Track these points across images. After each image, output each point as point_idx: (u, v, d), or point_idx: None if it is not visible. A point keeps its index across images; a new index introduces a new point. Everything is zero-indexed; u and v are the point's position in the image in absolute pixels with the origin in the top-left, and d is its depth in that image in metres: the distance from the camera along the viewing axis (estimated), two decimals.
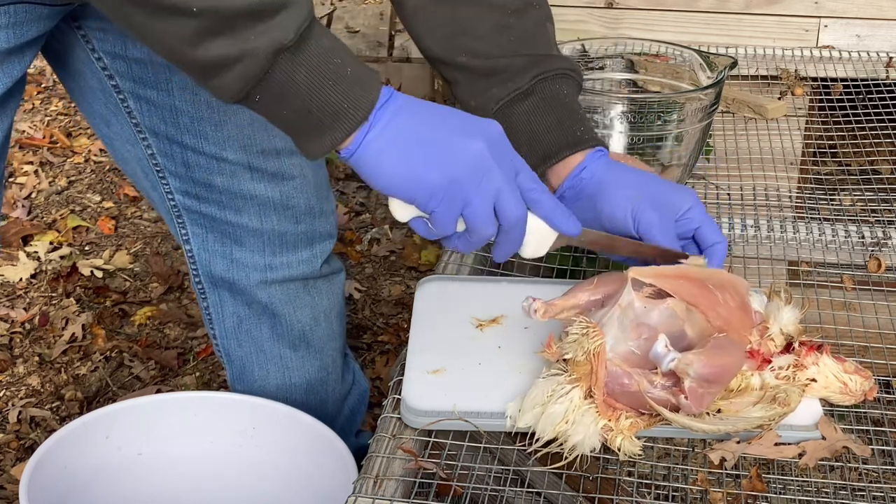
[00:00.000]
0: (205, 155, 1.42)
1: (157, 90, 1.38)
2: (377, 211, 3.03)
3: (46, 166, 3.25)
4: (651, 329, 0.99)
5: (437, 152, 0.97)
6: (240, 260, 1.50)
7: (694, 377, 0.95)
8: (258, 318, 1.55)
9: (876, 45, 1.93)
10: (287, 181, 1.46)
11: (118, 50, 1.35)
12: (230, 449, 1.50)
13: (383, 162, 0.96)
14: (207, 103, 1.39)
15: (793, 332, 1.08)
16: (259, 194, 1.46)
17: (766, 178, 1.55)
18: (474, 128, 0.99)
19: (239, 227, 1.48)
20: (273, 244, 1.50)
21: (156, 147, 1.43)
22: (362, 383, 1.74)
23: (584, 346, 0.97)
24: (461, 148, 0.97)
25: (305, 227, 1.51)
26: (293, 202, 1.48)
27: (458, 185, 0.97)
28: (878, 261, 1.31)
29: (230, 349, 1.59)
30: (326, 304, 1.59)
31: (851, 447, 0.99)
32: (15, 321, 2.51)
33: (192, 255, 1.53)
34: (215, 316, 1.57)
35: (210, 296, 1.56)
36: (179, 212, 1.49)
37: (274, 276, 1.52)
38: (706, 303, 1.03)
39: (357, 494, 0.95)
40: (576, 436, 0.96)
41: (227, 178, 1.44)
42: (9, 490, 2.01)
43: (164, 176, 1.46)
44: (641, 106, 1.33)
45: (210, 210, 1.47)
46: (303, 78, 0.93)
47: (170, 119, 1.40)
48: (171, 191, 1.47)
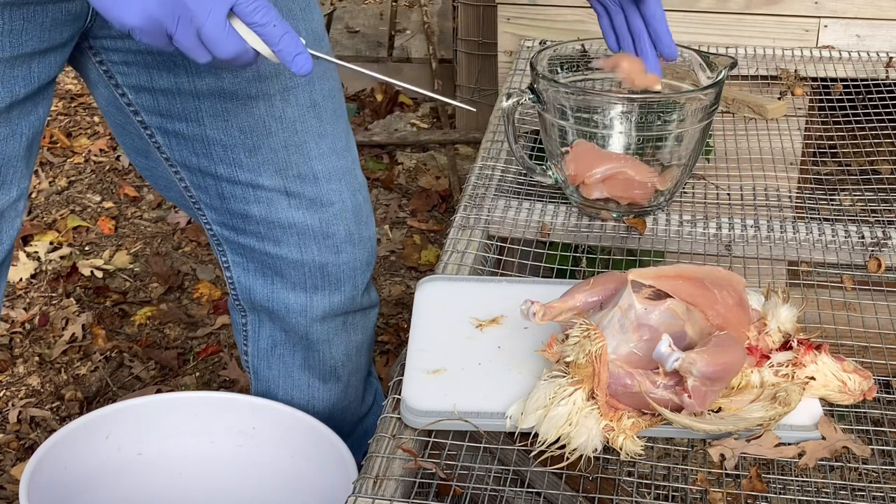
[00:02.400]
0: (240, 184, 1.39)
1: (187, 122, 1.34)
2: (377, 211, 3.03)
3: (46, 166, 3.25)
4: (652, 330, 1.00)
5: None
6: (280, 291, 1.47)
7: (697, 376, 0.95)
8: (293, 346, 1.53)
9: (876, 45, 1.93)
10: (326, 207, 1.42)
11: (143, 83, 1.32)
12: (230, 449, 1.50)
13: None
14: (240, 129, 1.35)
15: (790, 329, 1.08)
16: (297, 222, 1.42)
17: (766, 178, 1.55)
18: None
19: (279, 259, 1.44)
20: (314, 277, 1.46)
21: (189, 181, 1.41)
22: (381, 404, 1.72)
23: (585, 348, 0.97)
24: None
25: (347, 256, 1.47)
26: (332, 230, 1.44)
27: (156, 24, 0.99)
28: (878, 261, 1.31)
29: (259, 369, 1.57)
30: (360, 338, 1.57)
31: (851, 447, 0.99)
32: (15, 321, 2.51)
33: (233, 281, 1.51)
34: (251, 335, 1.56)
35: (249, 315, 1.54)
36: (219, 241, 1.47)
37: (314, 311, 1.49)
38: (705, 301, 1.03)
39: (357, 494, 0.95)
40: (579, 437, 0.97)
41: (263, 206, 1.40)
42: (9, 490, 2.01)
43: (200, 208, 1.45)
44: (641, 106, 1.33)
45: (249, 241, 1.44)
46: None
47: (201, 150, 1.37)
48: (209, 222, 1.46)
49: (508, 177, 1.52)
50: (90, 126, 3.49)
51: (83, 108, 3.60)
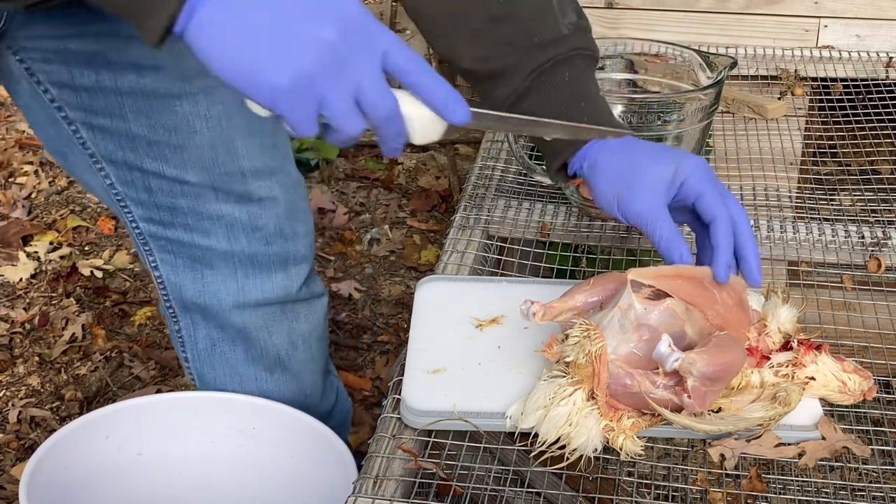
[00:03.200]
0: (166, 178, 1.37)
1: (111, 117, 1.32)
2: (377, 211, 3.03)
3: (46, 166, 3.25)
4: (652, 330, 1.00)
5: (277, 44, 0.83)
6: (211, 284, 1.45)
7: (697, 376, 0.95)
8: (232, 341, 1.50)
9: (876, 45, 1.93)
10: (254, 203, 1.41)
11: (65, 79, 1.30)
12: (230, 449, 1.49)
13: (218, 50, 0.82)
14: (164, 126, 1.33)
15: (790, 330, 1.09)
16: (226, 214, 1.40)
17: (766, 178, 1.55)
18: (323, 11, 0.84)
19: (208, 251, 1.42)
20: (245, 266, 1.44)
21: (114, 176, 1.38)
22: (345, 403, 1.69)
23: (585, 348, 0.97)
24: (307, 37, 0.83)
25: (277, 248, 1.45)
26: (262, 223, 1.42)
27: (308, 83, 0.84)
28: (878, 261, 1.31)
29: (203, 372, 1.55)
30: (305, 328, 1.54)
31: (851, 447, 0.99)
32: (15, 321, 2.51)
33: (162, 280, 1.47)
34: (187, 339, 1.53)
35: (182, 319, 1.51)
36: (145, 239, 1.44)
37: (247, 299, 1.46)
38: (704, 302, 1.03)
39: (357, 494, 0.95)
40: (579, 438, 0.97)
41: (191, 199, 1.38)
42: (9, 490, 2.01)
43: (126, 205, 1.41)
44: (641, 106, 1.33)
45: (177, 235, 1.42)
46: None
47: (127, 145, 1.34)
48: (135, 219, 1.42)
49: (508, 177, 1.52)
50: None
51: None
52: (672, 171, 1.07)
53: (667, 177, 1.06)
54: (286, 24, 0.83)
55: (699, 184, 1.06)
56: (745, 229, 1.06)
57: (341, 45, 0.84)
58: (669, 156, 1.09)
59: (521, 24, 1.16)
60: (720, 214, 1.04)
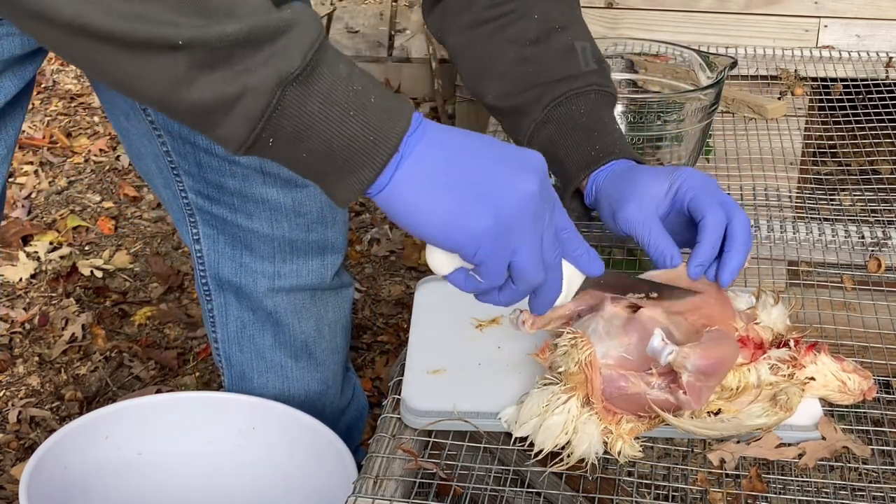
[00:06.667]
0: (217, 157, 1.41)
1: None
2: (377, 211, 3.03)
3: (46, 166, 3.25)
4: (641, 329, 0.99)
5: (483, 192, 0.83)
6: (249, 265, 1.49)
7: (691, 371, 0.95)
8: (262, 324, 1.54)
9: (876, 45, 1.93)
10: (300, 188, 1.45)
11: None
12: (230, 449, 1.49)
13: (419, 203, 0.83)
14: None
15: (782, 329, 1.08)
16: (271, 199, 1.44)
17: (766, 178, 1.55)
18: (524, 161, 0.86)
19: (250, 232, 1.47)
20: (283, 251, 1.48)
21: (170, 145, 1.43)
22: (361, 400, 1.72)
23: (574, 357, 0.97)
24: (513, 187, 0.84)
25: (317, 235, 1.49)
26: (305, 209, 1.47)
27: (510, 230, 0.84)
28: (878, 261, 1.31)
29: (231, 354, 1.58)
30: (332, 316, 1.58)
31: (851, 447, 0.99)
32: (15, 321, 2.51)
33: (202, 255, 1.52)
34: (219, 319, 1.57)
35: (216, 298, 1.55)
36: (192, 210, 1.49)
37: (282, 283, 1.50)
38: (687, 306, 1.03)
39: (357, 494, 0.95)
40: (581, 445, 0.96)
41: (238, 180, 1.43)
42: (9, 490, 2.01)
43: (178, 174, 1.46)
44: (641, 106, 1.33)
45: (222, 212, 1.47)
46: (317, 110, 0.79)
47: None
48: (185, 189, 1.47)
49: None
50: (90, 126, 3.49)
51: (83, 108, 3.60)
52: (667, 185, 1.09)
53: (661, 191, 1.08)
54: (489, 174, 0.84)
55: (691, 190, 1.07)
56: (740, 232, 1.05)
57: (539, 195, 0.85)
58: (667, 172, 1.11)
59: (544, 65, 1.20)
60: (708, 214, 1.05)
